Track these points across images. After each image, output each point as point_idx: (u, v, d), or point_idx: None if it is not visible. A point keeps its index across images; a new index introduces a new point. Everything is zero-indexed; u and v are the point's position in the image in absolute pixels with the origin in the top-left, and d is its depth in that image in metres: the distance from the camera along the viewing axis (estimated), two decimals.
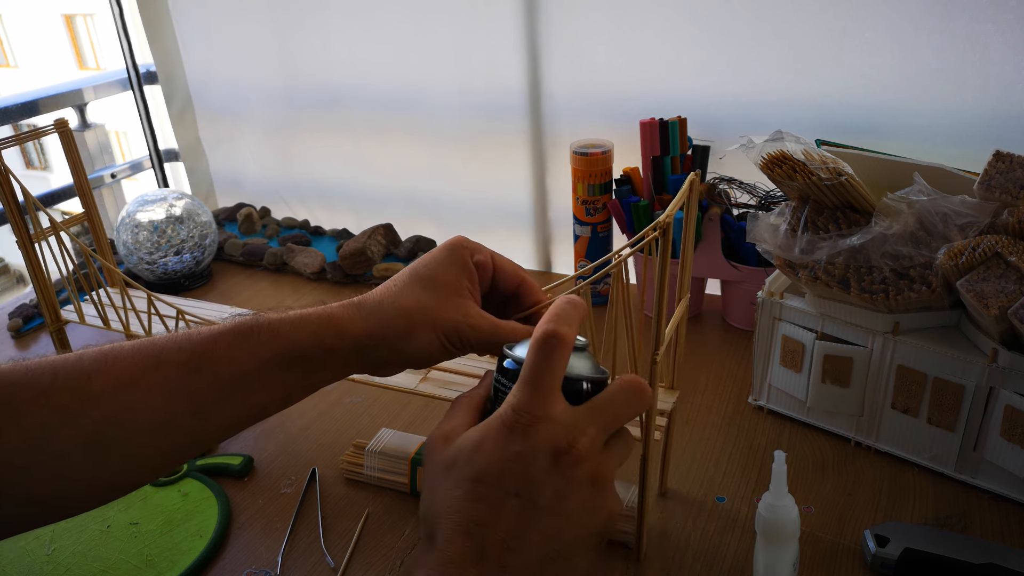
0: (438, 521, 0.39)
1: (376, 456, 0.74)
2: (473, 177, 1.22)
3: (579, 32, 1.04)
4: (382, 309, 0.49)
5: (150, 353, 0.45)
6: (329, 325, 0.48)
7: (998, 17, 0.81)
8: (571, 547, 0.39)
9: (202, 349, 0.46)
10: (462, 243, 0.52)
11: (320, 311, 0.48)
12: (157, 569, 0.66)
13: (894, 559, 0.60)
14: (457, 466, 0.40)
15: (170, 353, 0.45)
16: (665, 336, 0.58)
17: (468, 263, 0.51)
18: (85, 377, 0.44)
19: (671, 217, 0.51)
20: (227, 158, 1.46)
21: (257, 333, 0.47)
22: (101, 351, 0.45)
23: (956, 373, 0.67)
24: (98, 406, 0.43)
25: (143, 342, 0.46)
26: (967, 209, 0.63)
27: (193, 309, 0.79)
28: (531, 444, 0.39)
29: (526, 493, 0.38)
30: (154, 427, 0.45)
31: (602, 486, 0.40)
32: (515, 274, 0.54)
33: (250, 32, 1.29)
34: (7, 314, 1.10)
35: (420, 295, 0.49)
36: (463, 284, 0.50)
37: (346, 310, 0.49)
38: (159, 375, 0.45)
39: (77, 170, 0.84)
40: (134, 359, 0.45)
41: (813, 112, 0.95)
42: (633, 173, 0.99)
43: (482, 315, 0.50)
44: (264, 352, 0.46)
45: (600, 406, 0.41)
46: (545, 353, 0.40)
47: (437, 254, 0.51)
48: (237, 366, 0.46)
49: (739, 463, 0.75)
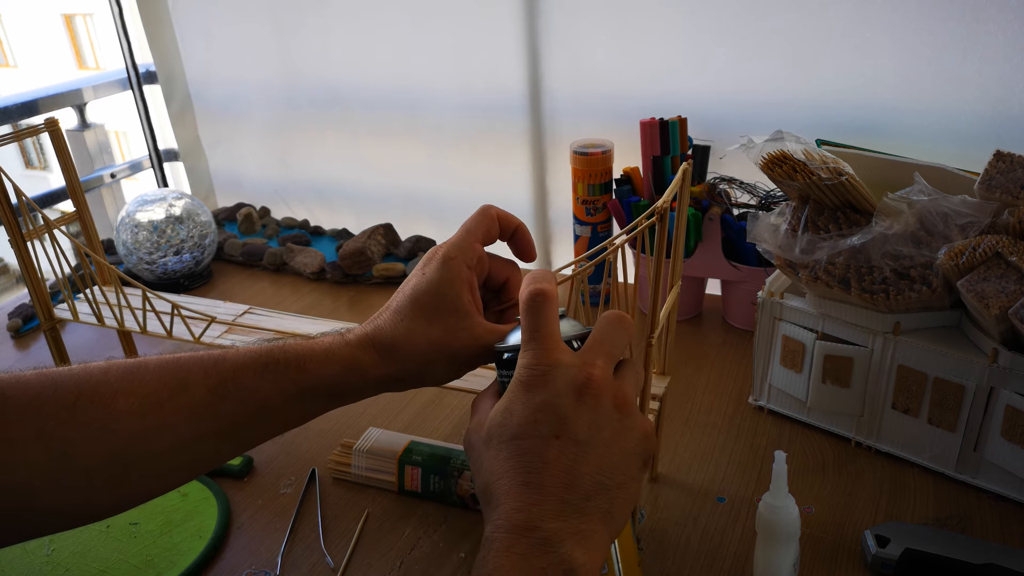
0: (493, 486, 0.41)
1: (364, 455, 0.74)
2: (473, 177, 1.22)
3: (579, 32, 1.04)
4: (398, 351, 0.50)
5: (177, 375, 0.46)
6: (354, 367, 0.50)
7: (998, 17, 0.81)
8: (620, 470, 0.41)
9: (229, 376, 0.47)
10: (452, 255, 0.51)
11: (346, 352, 0.50)
12: (157, 569, 0.66)
13: (894, 559, 0.60)
14: (495, 436, 0.42)
15: (197, 377, 0.46)
16: (659, 321, 0.59)
17: (464, 273, 0.51)
18: (111, 394, 0.44)
19: (667, 203, 0.52)
20: (227, 158, 1.46)
21: (284, 367, 0.48)
22: (127, 367, 0.46)
23: (956, 373, 0.67)
24: (123, 425, 0.44)
25: (168, 360, 0.47)
26: (967, 209, 0.63)
27: (189, 305, 0.79)
28: (553, 389, 0.41)
29: (564, 432, 0.41)
30: (177, 448, 0.46)
31: (627, 409, 0.43)
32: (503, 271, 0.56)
33: (250, 32, 1.29)
34: (7, 314, 1.10)
35: (428, 331, 0.50)
36: (464, 300, 0.51)
37: (367, 353, 0.50)
38: (185, 398, 0.45)
39: (68, 169, 0.84)
40: (160, 379, 0.45)
41: (813, 112, 0.95)
42: (633, 173, 0.99)
43: (491, 330, 0.51)
44: (290, 386, 0.48)
45: (597, 341, 0.44)
46: (536, 310, 0.43)
47: (433, 275, 0.51)
48: (263, 396, 0.47)
49: (739, 463, 0.75)
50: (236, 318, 0.83)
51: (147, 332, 0.80)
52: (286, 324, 0.82)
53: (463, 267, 0.51)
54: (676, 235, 0.63)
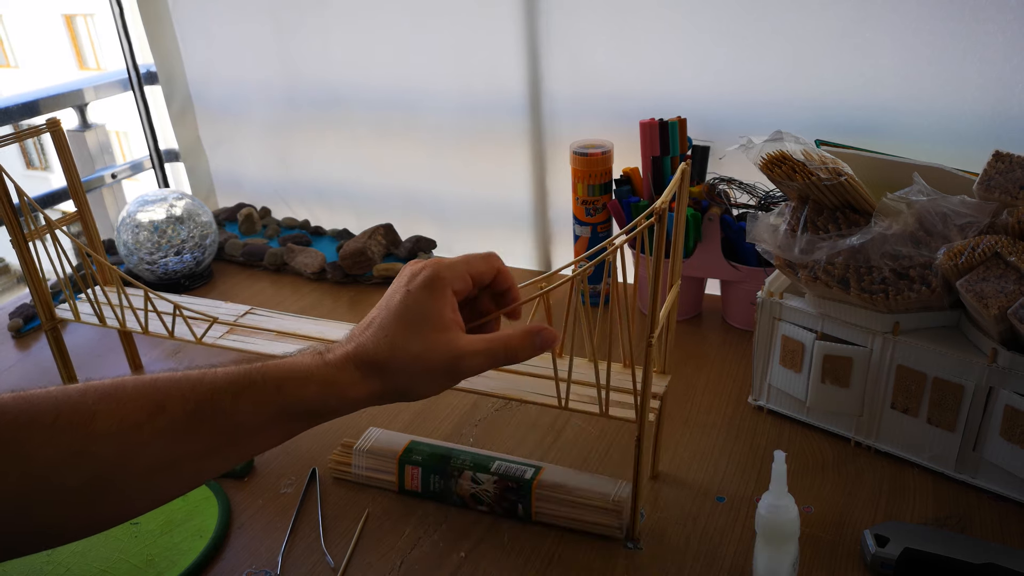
0: None
1: (364, 455, 0.74)
2: (473, 177, 1.22)
3: (579, 32, 1.04)
4: (381, 367, 0.50)
5: (154, 397, 0.46)
6: (333, 388, 0.49)
7: (998, 17, 0.81)
8: None
9: (207, 399, 0.46)
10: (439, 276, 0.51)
11: (325, 372, 0.49)
12: (157, 569, 0.66)
13: (894, 559, 0.60)
14: None
15: (174, 400, 0.46)
16: (659, 320, 0.59)
17: (447, 292, 0.51)
18: (90, 416, 0.44)
19: (666, 203, 0.52)
20: (227, 158, 1.46)
21: (262, 387, 0.48)
22: (105, 389, 0.45)
23: (956, 373, 0.67)
24: (102, 447, 0.44)
25: (146, 381, 0.47)
26: (967, 209, 0.64)
27: (191, 305, 0.79)
28: None
29: None
30: (156, 469, 0.46)
31: None
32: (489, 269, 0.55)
33: (250, 32, 1.29)
34: (7, 314, 1.10)
35: (411, 345, 0.50)
36: (446, 316, 0.51)
37: (346, 372, 0.50)
38: (163, 420, 0.45)
39: (69, 169, 0.84)
40: (138, 401, 0.45)
41: (813, 112, 0.95)
42: (633, 173, 0.99)
43: (471, 341, 0.51)
44: (269, 407, 0.48)
45: None
46: None
47: (419, 294, 0.51)
48: (241, 417, 0.47)
49: (739, 463, 0.75)
50: (238, 318, 0.83)
51: (149, 332, 0.80)
52: (287, 324, 0.82)
53: (448, 289, 0.51)
54: (675, 234, 0.63)
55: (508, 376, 0.69)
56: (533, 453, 0.78)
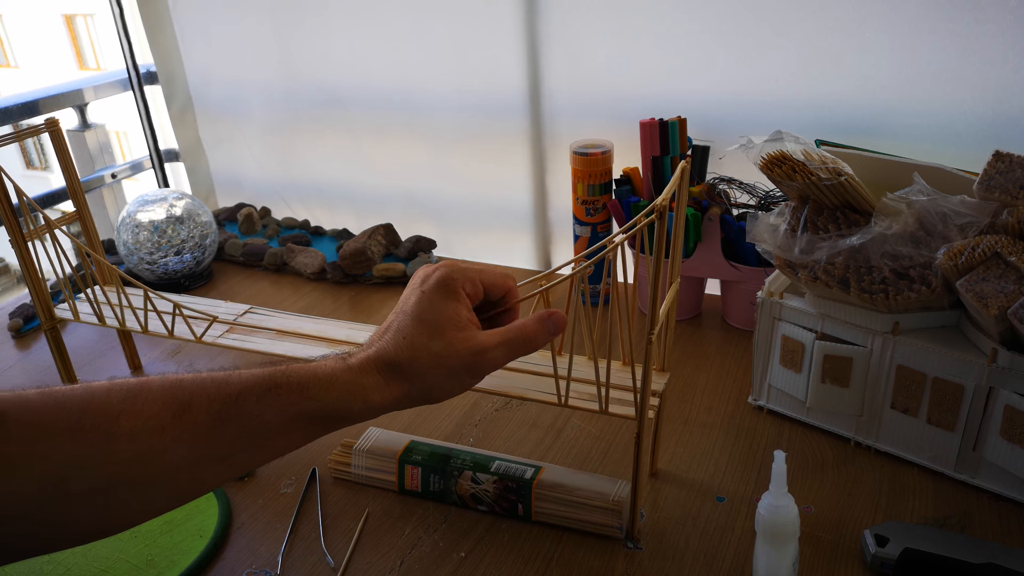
0: None
1: (364, 455, 0.74)
2: (473, 177, 1.22)
3: (579, 32, 1.04)
4: (403, 369, 0.51)
5: (179, 397, 0.46)
6: (356, 392, 0.50)
7: (998, 17, 0.81)
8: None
9: (231, 400, 0.47)
10: (452, 276, 0.52)
11: (348, 377, 0.50)
12: (157, 569, 0.66)
13: (894, 559, 0.60)
14: None
15: (199, 401, 0.46)
16: (659, 318, 0.59)
17: (461, 292, 0.52)
18: (114, 415, 0.44)
19: (666, 201, 0.52)
20: (227, 158, 1.46)
21: (286, 391, 0.48)
22: (130, 388, 0.45)
23: (956, 373, 0.67)
24: (125, 447, 0.44)
25: (171, 381, 0.47)
26: (967, 209, 0.64)
27: (191, 304, 0.79)
28: None
29: None
30: (177, 470, 0.46)
31: None
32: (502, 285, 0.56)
33: (250, 32, 1.29)
34: (7, 314, 1.10)
35: (431, 345, 0.50)
36: (462, 315, 0.52)
37: (370, 377, 0.50)
38: (187, 421, 0.45)
39: (68, 169, 0.84)
40: (162, 402, 0.45)
41: (813, 112, 0.95)
42: (633, 173, 0.99)
43: (488, 336, 0.52)
44: (291, 410, 0.48)
45: None
46: None
47: (433, 295, 0.52)
48: (265, 420, 0.47)
49: (739, 463, 0.75)
50: (237, 318, 0.83)
51: (148, 332, 0.80)
52: (287, 324, 0.82)
53: (461, 290, 0.52)
54: (675, 233, 0.63)
55: (508, 374, 0.69)
56: (533, 453, 0.78)
